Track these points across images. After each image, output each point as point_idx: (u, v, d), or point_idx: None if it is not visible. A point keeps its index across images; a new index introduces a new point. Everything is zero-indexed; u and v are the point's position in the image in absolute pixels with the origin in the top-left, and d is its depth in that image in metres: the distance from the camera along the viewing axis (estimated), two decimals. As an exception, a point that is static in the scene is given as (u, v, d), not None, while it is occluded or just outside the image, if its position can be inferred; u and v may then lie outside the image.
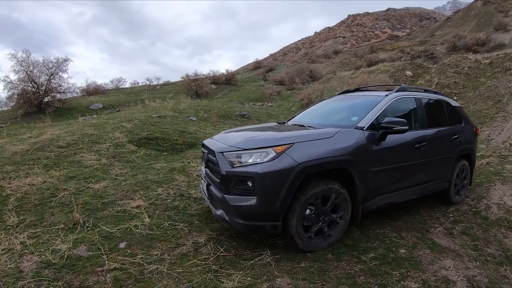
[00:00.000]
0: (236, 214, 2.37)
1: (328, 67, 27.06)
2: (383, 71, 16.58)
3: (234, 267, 2.35)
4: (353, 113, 3.17)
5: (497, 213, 3.51)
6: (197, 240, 2.73)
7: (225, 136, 3.10)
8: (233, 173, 2.40)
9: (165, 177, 4.19)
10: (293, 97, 17.53)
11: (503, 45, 19.72)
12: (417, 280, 2.23)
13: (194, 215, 3.26)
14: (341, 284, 2.17)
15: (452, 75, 13.33)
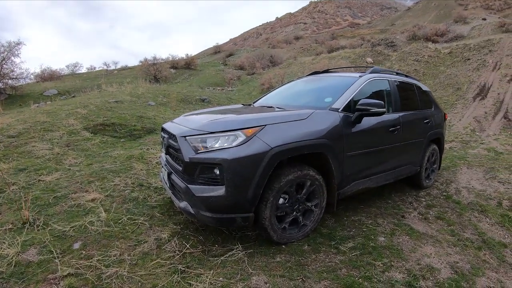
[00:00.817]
0: (203, 206, 2.02)
1: (288, 52, 26.93)
2: (343, 57, 16.83)
3: (203, 266, 2.01)
4: (326, 94, 2.91)
5: (468, 197, 3.51)
6: (160, 236, 2.35)
7: (187, 119, 2.71)
8: (198, 160, 2.04)
9: (123, 166, 3.82)
10: (254, 81, 17.46)
11: (461, 36, 20.90)
12: (401, 270, 2.05)
13: (155, 207, 2.89)
14: (323, 279, 1.91)
15: (412, 62, 13.82)
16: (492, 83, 9.75)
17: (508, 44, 11.23)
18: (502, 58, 10.60)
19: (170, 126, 2.60)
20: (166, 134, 2.56)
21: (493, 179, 4.01)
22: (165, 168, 2.57)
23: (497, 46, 11.69)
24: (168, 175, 2.43)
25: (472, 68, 11.49)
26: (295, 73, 17.19)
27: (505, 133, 6.66)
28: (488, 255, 2.32)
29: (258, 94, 14.77)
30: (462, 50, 13.60)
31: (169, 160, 2.50)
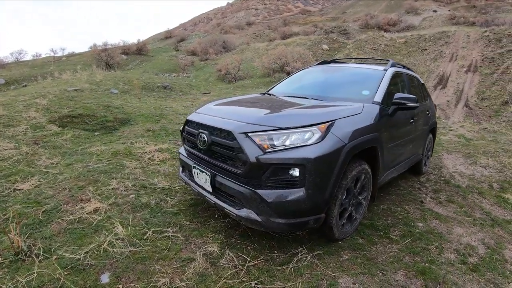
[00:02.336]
0: (274, 212, 2.02)
1: (241, 38, 28.72)
2: (299, 43, 18.16)
3: (277, 278, 2.04)
4: (360, 86, 3.18)
5: (463, 181, 4.35)
6: (207, 250, 2.28)
7: (226, 110, 2.66)
8: (270, 160, 2.00)
9: (112, 165, 3.64)
10: (208, 67, 18.35)
11: (413, 27, 24.08)
12: (451, 250, 2.50)
13: (177, 214, 2.80)
14: (398, 269, 2.19)
15: (369, 51, 15.62)
16: (451, 73, 11.80)
17: (462, 37, 13.64)
18: (458, 50, 12.86)
19: (208, 119, 2.48)
20: (204, 129, 2.43)
21: (475, 164, 5.05)
22: (201, 169, 2.45)
23: (452, 38, 14.08)
24: (213, 177, 2.34)
25: (430, 58, 13.61)
26: (251, 58, 18.38)
27: (468, 121, 8.28)
28: (501, 231, 2.99)
29: (215, 80, 15.85)
30: (417, 41, 15.88)
31: (209, 160, 2.40)
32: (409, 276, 2.16)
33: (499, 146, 5.88)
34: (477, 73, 10.45)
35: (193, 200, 3.12)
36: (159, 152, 4.35)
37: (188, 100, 8.68)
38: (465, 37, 13.40)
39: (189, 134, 2.70)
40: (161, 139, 4.91)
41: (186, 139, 2.81)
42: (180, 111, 6.73)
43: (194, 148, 2.65)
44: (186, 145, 2.82)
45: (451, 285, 2.07)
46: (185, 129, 2.78)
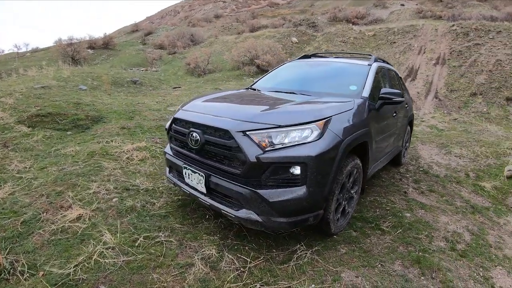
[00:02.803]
0: (276, 212, 2.03)
1: (209, 31, 29.36)
2: (268, 36, 18.70)
3: (280, 277, 2.06)
4: (347, 81, 3.27)
5: (441, 171, 4.68)
6: (205, 254, 2.24)
7: (217, 107, 2.61)
8: (271, 159, 1.99)
9: (89, 166, 3.49)
10: (177, 61, 18.58)
11: (381, 20, 25.05)
12: (440, 238, 2.68)
13: (166, 216, 2.73)
14: (394, 259, 2.31)
15: (339, 43, 16.19)
16: (420, 66, 12.53)
17: (430, 31, 14.51)
18: (426, 43, 13.68)
19: (199, 117, 2.40)
20: (195, 128, 2.35)
21: (449, 154, 5.45)
22: (193, 169, 2.37)
23: (420, 31, 14.92)
24: (207, 178, 2.27)
25: (399, 51, 14.32)
26: (220, 52, 18.60)
27: (439, 112, 8.90)
28: (481, 217, 3.27)
29: (184, 74, 15.91)
30: (386, 34, 16.63)
31: (203, 160, 2.34)
32: (406, 265, 2.29)
33: (470, 136, 6.40)
34: (446, 65, 11.21)
35: (180, 201, 3.05)
36: (137, 151, 4.17)
37: (160, 95, 8.40)
38: (433, 30, 14.28)
39: (177, 133, 2.60)
40: (138, 137, 4.70)
41: (173, 138, 2.71)
42: (153, 107, 6.49)
43: (183, 148, 2.56)
44: (174, 144, 2.72)
45: (446, 272, 2.23)
46: (173, 127, 2.67)
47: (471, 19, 15.70)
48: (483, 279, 2.23)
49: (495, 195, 3.64)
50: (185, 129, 2.46)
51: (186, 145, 2.50)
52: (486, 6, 23.59)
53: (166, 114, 5.94)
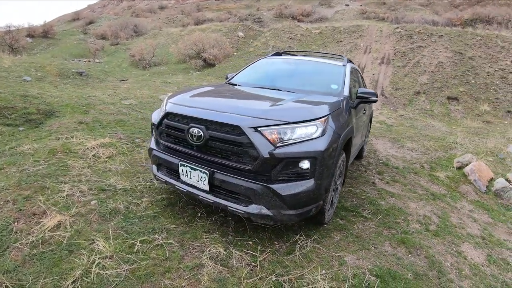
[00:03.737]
0: (287, 205, 2.17)
1: (153, 22, 29.35)
2: (214, 30, 19.22)
3: (291, 267, 2.21)
4: (327, 80, 3.55)
5: (398, 163, 5.33)
6: (213, 252, 2.27)
7: (216, 102, 2.63)
8: (283, 154, 2.11)
9: (53, 166, 3.25)
10: (120, 52, 18.79)
11: (326, 19, 26.96)
12: (415, 221, 3.12)
13: (156, 217, 2.68)
14: (383, 242, 2.65)
15: (286, 40, 17.07)
16: (366, 65, 13.87)
17: (375, 31, 16.10)
18: (372, 43, 15.18)
19: (201, 112, 2.36)
20: (197, 123, 2.31)
21: (403, 148, 6.24)
22: (192, 167, 2.35)
23: (366, 32, 16.46)
24: (210, 175, 2.27)
25: (345, 50, 15.61)
26: (165, 44, 18.73)
27: (386, 108, 10.03)
28: (442, 203, 3.87)
29: (129, 66, 15.87)
30: (332, 32, 17.91)
31: (205, 157, 2.33)
32: (394, 246, 2.64)
33: (417, 131, 7.40)
34: (390, 65, 12.64)
35: (166, 200, 2.97)
36: (102, 147, 3.88)
37: (108, 87, 7.83)
38: (378, 31, 15.90)
39: (171, 128, 2.53)
40: (98, 132, 4.34)
41: (165, 134, 2.62)
42: (107, 100, 6.04)
43: (179, 144, 2.50)
44: (165, 140, 2.63)
45: (427, 249, 2.65)
46: (164, 122, 2.57)
47: (414, 22, 17.86)
48: (456, 253, 2.71)
49: (449, 184, 4.33)
50: (183, 125, 2.40)
51: (182, 141, 2.45)
52: (427, 10, 27.03)
53: (123, 108, 5.57)
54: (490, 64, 10.80)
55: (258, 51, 16.19)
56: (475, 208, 3.67)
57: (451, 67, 10.84)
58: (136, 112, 5.56)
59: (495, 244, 2.94)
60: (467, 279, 2.43)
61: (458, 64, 11.00)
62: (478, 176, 4.05)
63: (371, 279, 2.21)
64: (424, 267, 2.45)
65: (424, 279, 2.32)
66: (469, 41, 12.27)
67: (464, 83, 10.05)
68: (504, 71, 10.35)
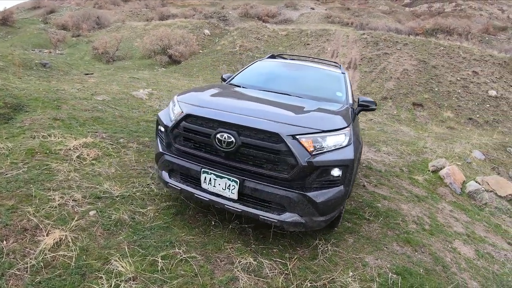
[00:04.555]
0: (318, 212, 2.26)
1: (116, 15, 29.51)
2: (180, 26, 19.54)
3: (320, 272, 2.32)
4: (331, 87, 3.74)
5: (379, 166, 5.74)
6: (243, 263, 2.27)
7: (245, 106, 2.61)
8: (321, 163, 2.19)
9: (35, 169, 2.98)
10: (82, 45, 18.69)
11: (291, 21, 27.83)
12: (411, 222, 3.42)
13: (168, 227, 2.59)
14: (391, 242, 2.90)
15: (254, 40, 17.40)
16: (334, 68, 14.69)
17: (342, 36, 17.03)
18: (339, 48, 16.06)
19: (232, 117, 2.30)
20: (228, 128, 2.26)
21: (379, 152, 6.73)
22: (218, 174, 2.29)
23: (333, 36, 17.35)
24: (241, 184, 2.25)
25: (313, 53, 16.29)
26: (129, 38, 18.99)
27: (357, 112, 10.73)
28: (426, 204, 4.25)
29: (92, 59, 15.60)
30: (299, 35, 18.55)
31: (235, 164, 2.30)
32: (401, 245, 2.89)
33: (388, 135, 8.04)
34: (357, 70, 13.51)
35: (172, 208, 2.88)
36: (86, 148, 3.61)
37: (75, 81, 7.22)
38: (344, 36, 16.87)
39: (192, 131, 2.43)
40: (77, 130, 4.00)
41: (182, 138, 2.50)
42: (77, 95, 5.56)
43: (201, 150, 2.42)
44: (181, 144, 2.51)
45: (429, 247, 2.95)
46: (183, 125, 2.45)
47: (378, 29, 19.19)
48: (452, 249, 3.05)
49: (428, 186, 4.82)
50: (209, 129, 2.33)
51: (206, 146, 2.38)
52: (390, 18, 29.15)
53: (98, 105, 5.17)
54: (452, 73, 12.07)
55: (225, 50, 16.23)
56: (454, 208, 4.14)
57: (416, 75, 11.94)
58: (112, 109, 5.19)
59: (479, 240, 3.36)
60: (466, 271, 2.77)
61: (422, 72, 12.13)
62: (453, 179, 4.58)
63: (393, 277, 2.42)
64: (431, 263, 2.74)
65: (434, 273, 2.60)
66: (432, 51, 13.59)
67: (428, 90, 11.13)
68: (465, 81, 11.65)
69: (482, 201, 4.23)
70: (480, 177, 4.70)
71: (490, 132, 8.81)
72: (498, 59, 12.99)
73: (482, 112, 10.09)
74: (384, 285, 2.32)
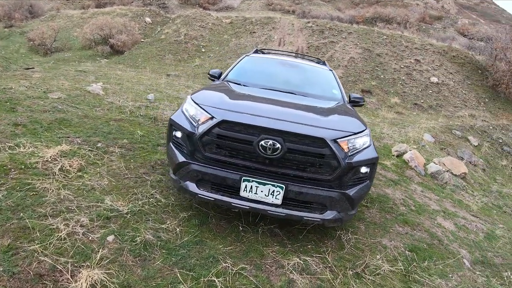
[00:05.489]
0: (352, 206, 2.50)
1: (50, 3, 28.48)
2: (120, 14, 19.33)
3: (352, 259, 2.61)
4: (325, 85, 3.97)
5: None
6: (292, 265, 2.38)
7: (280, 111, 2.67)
8: (356, 163, 2.42)
9: (17, 191, 2.61)
10: (16, 36, 17.60)
11: (232, 8, 27.86)
12: (399, 205, 3.89)
13: (200, 241, 2.52)
14: (393, 224, 3.33)
15: (198, 28, 17.20)
16: (282, 57, 15.12)
17: (287, 25, 17.47)
18: (285, 36, 16.48)
19: (276, 123, 2.34)
20: (273, 135, 2.28)
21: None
22: (261, 181, 2.32)
23: (278, 24, 17.70)
24: (286, 189, 2.31)
25: (260, 41, 16.52)
26: (66, 28, 18.21)
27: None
28: (402, 187, 4.74)
29: (28, 52, 14.97)
30: (243, 23, 18.56)
31: (280, 170, 2.35)
32: (402, 226, 3.35)
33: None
34: (305, 59, 14.16)
35: (193, 218, 2.78)
36: (64, 157, 3.21)
37: (18, 77, 6.13)
38: (290, 25, 17.36)
39: (229, 139, 2.36)
40: (45, 136, 3.48)
41: (215, 145, 2.41)
42: (28, 93, 4.79)
43: (238, 157, 2.39)
44: (213, 152, 2.42)
45: (422, 225, 3.46)
46: (216, 132, 2.36)
47: (320, 17, 20.13)
48: (438, 225, 3.62)
49: (397, 170, 5.45)
50: (251, 136, 2.31)
51: (246, 153, 2.36)
52: (329, 6, 30.51)
53: (57, 104, 4.49)
54: (396, 61, 13.43)
55: (170, 39, 15.66)
56: (423, 189, 4.81)
57: (362, 63, 13.02)
58: (73, 108, 4.55)
59: (453, 215, 4.02)
60: (454, 242, 3.34)
61: (368, 60, 13.27)
62: (417, 163, 5.29)
63: (409, 254, 2.84)
64: (429, 238, 3.23)
65: (434, 247, 3.10)
66: (376, 39, 14.88)
67: (375, 77, 12.27)
68: (408, 68, 13.08)
69: (443, 181, 5.00)
70: (437, 159, 5.52)
71: (435, 116, 10.23)
72: (437, 48, 14.84)
73: (426, 98, 11.57)
74: (405, 261, 2.72)
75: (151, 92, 6.89)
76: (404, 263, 2.68)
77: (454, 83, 12.68)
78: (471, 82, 13.24)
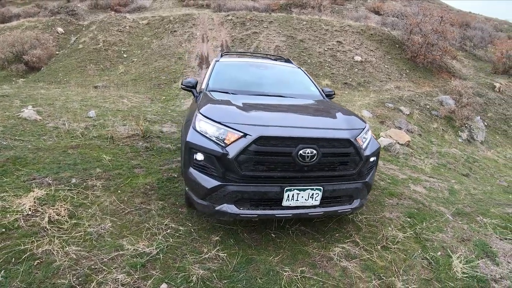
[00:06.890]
0: (368, 191, 2.91)
1: None
2: (29, 27, 18.09)
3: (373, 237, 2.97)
4: (301, 83, 4.20)
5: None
6: (339, 253, 2.64)
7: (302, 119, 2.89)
8: (370, 154, 2.78)
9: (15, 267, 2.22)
10: None
11: (144, 8, 26.36)
12: (380, 180, 4.48)
13: (249, 259, 2.55)
14: (383, 198, 3.83)
15: (116, 33, 16.28)
16: (208, 53, 14.89)
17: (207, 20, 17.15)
18: (207, 32, 16.23)
19: (307, 131, 2.53)
20: (308, 143, 2.41)
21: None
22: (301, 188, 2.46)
23: (198, 20, 17.27)
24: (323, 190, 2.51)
25: (183, 40, 16.03)
26: None
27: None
28: None
29: None
30: (161, 22, 17.84)
31: (316, 174, 2.51)
32: (390, 198, 3.90)
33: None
34: (232, 53, 14.30)
35: (226, 239, 2.77)
36: (45, 205, 2.80)
37: None
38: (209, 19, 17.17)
39: (267, 154, 2.40)
40: (6, 183, 2.98)
41: (253, 162, 2.40)
42: None
43: (276, 169, 2.45)
44: (251, 169, 2.41)
45: (403, 194, 4.06)
46: (254, 149, 2.36)
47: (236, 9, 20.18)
48: (414, 191, 4.31)
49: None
50: (288, 147, 2.40)
51: (285, 164, 2.44)
52: None
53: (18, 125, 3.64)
54: (319, 45, 14.46)
55: (88, 48, 14.35)
56: (384, 162, 5.56)
57: (288, 50, 13.77)
58: (18, 141, 3.83)
59: (417, 180, 4.79)
60: (432, 202, 4.01)
61: (293, 47, 14.09)
62: (372, 139, 6.05)
63: (409, 220, 3.38)
64: (414, 204, 3.84)
65: (422, 209, 3.70)
66: (296, 26, 15.77)
67: (303, 63, 13.13)
68: (332, 50, 14.20)
69: (395, 151, 5.84)
70: (383, 132, 6.38)
71: (365, 92, 11.52)
72: (355, 28, 16.46)
73: (353, 76, 12.87)
74: (410, 227, 3.24)
75: (88, 108, 6.14)
76: (411, 228, 3.19)
77: (376, 59, 14.39)
78: (391, 56, 15.12)
